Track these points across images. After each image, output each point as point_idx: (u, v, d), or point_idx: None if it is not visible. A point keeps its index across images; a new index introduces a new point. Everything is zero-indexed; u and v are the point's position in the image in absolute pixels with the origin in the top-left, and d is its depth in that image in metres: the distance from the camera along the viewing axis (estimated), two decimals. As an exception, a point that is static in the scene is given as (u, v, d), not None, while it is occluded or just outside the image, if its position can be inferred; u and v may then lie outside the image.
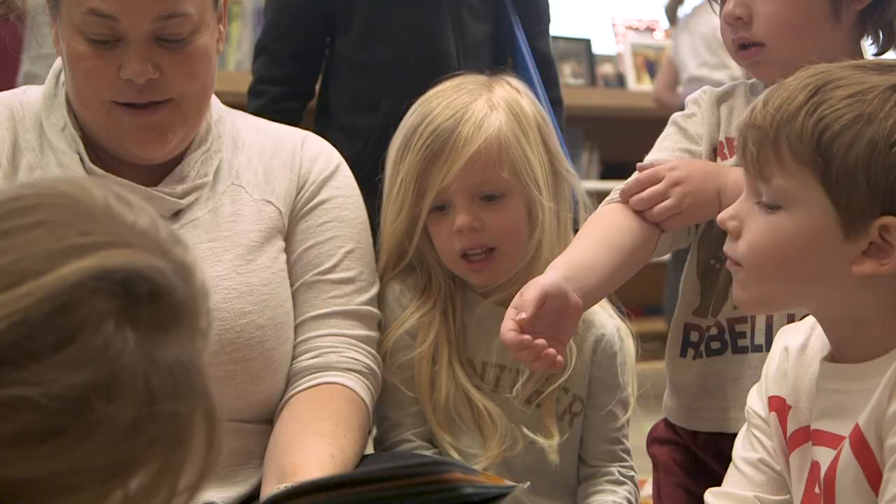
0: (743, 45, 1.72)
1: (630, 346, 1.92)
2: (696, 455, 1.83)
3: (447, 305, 1.89)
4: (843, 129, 1.29)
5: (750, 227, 1.38)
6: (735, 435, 1.65)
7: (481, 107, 1.83)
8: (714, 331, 1.80)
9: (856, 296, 1.34)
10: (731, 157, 1.78)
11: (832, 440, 1.35)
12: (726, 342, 1.79)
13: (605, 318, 1.91)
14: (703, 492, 1.74)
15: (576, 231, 1.89)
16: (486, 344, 1.88)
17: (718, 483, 1.70)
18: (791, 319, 1.63)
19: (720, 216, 1.43)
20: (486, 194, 1.82)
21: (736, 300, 1.48)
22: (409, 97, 2.00)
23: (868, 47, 1.75)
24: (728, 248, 1.41)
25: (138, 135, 1.73)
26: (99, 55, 1.67)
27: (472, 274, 1.85)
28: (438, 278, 1.90)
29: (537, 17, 2.51)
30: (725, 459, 1.63)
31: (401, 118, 1.97)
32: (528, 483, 1.61)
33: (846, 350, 1.38)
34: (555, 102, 2.46)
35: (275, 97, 2.46)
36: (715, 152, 1.81)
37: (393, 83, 2.32)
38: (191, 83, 1.72)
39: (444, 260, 1.87)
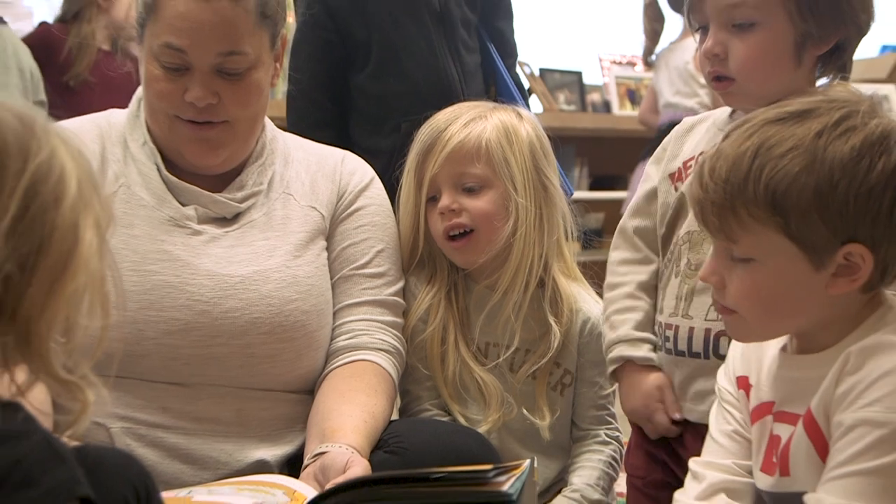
0: (718, 77, 1.70)
1: None
2: None
3: (451, 289, 1.90)
4: (790, 185, 1.27)
5: (732, 280, 1.35)
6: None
7: (471, 116, 1.87)
8: (660, 329, 1.78)
9: (827, 309, 1.33)
10: (685, 179, 1.77)
11: (791, 418, 1.34)
12: (662, 340, 1.78)
13: (591, 305, 1.93)
14: (659, 452, 1.77)
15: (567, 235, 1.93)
16: (485, 325, 1.89)
17: (670, 447, 1.75)
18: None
19: (702, 274, 1.40)
20: (466, 186, 1.85)
21: (731, 336, 1.46)
22: (424, 117, 2.02)
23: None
24: (717, 297, 1.39)
25: (193, 146, 1.74)
26: (169, 79, 1.70)
27: (455, 252, 1.88)
28: (442, 266, 1.92)
29: (508, 51, 2.49)
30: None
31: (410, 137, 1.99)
32: (535, 458, 1.63)
33: (805, 344, 1.38)
34: None
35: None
36: (674, 177, 1.80)
37: (407, 108, 2.30)
38: (243, 110, 1.73)
39: (438, 244, 1.89)
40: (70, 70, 3.62)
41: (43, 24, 3.85)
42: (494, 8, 2.45)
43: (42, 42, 3.70)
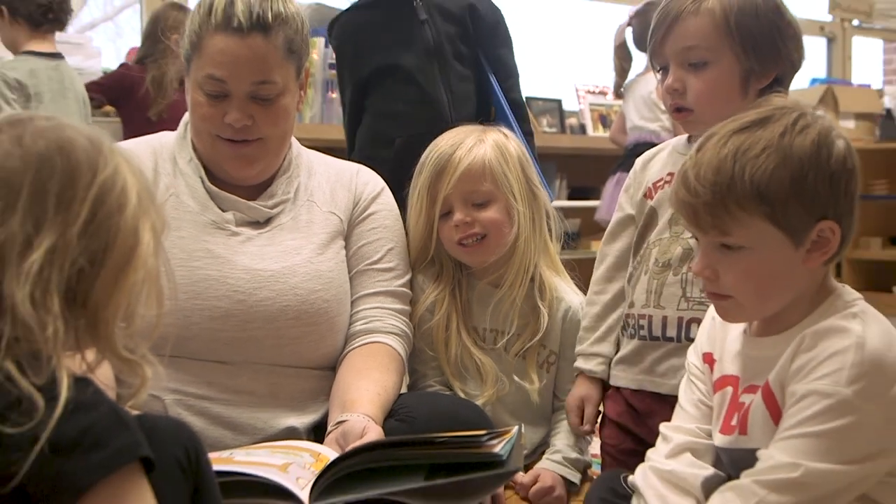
0: (678, 108, 1.71)
1: None
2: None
3: (455, 287, 1.90)
4: (770, 179, 1.27)
5: (725, 269, 1.32)
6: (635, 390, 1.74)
7: (472, 141, 1.86)
8: (631, 321, 1.78)
9: (802, 283, 1.33)
10: (655, 196, 1.79)
11: (752, 389, 1.34)
12: (636, 328, 1.77)
13: (571, 295, 1.93)
14: (628, 424, 1.76)
15: (550, 233, 1.93)
16: (484, 314, 1.90)
17: (639, 418, 1.75)
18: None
19: (695, 270, 1.37)
20: (476, 202, 1.85)
21: (724, 319, 1.42)
22: (415, 134, 2.10)
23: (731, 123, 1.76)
24: (710, 288, 1.36)
25: (233, 161, 1.75)
26: (211, 104, 1.70)
27: (467, 256, 1.88)
28: (448, 267, 1.91)
29: (507, 74, 2.45)
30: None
31: (408, 149, 2.01)
32: (521, 424, 1.64)
33: (767, 324, 1.37)
34: (527, 134, 2.41)
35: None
36: (646, 195, 1.81)
37: (403, 126, 2.32)
38: (274, 129, 1.74)
39: (447, 249, 1.89)
40: (151, 107, 3.60)
41: (123, 66, 3.83)
42: (491, 38, 2.43)
43: (121, 81, 3.69)
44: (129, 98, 3.62)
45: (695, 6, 1.66)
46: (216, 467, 1.38)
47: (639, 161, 1.89)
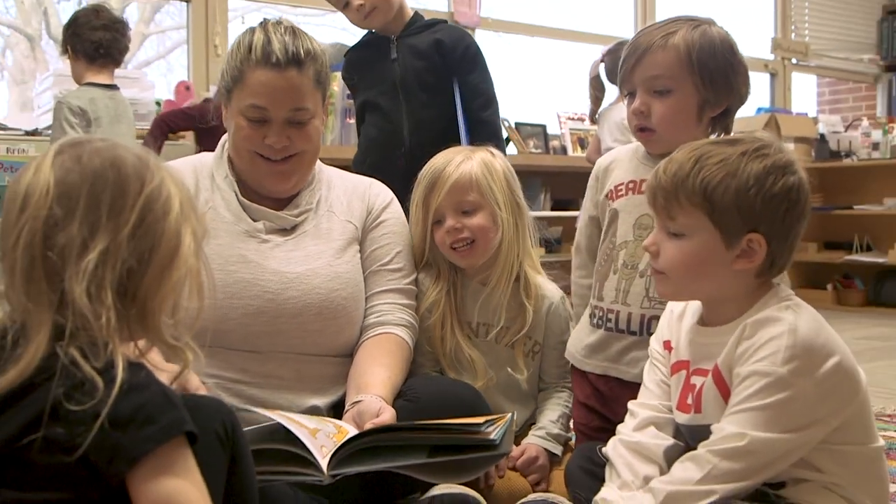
0: (642, 129, 1.71)
1: (568, 308, 1.91)
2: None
3: (450, 287, 1.87)
4: (718, 183, 1.29)
5: (666, 250, 1.35)
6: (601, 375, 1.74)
7: (461, 158, 1.84)
8: (599, 312, 1.77)
9: (729, 283, 1.34)
10: (616, 199, 1.78)
11: (703, 372, 1.35)
12: (604, 321, 1.77)
13: (553, 292, 1.91)
14: (595, 406, 1.76)
15: (532, 242, 1.92)
16: (479, 310, 1.87)
17: (604, 400, 1.75)
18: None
19: (645, 243, 1.40)
20: (464, 210, 1.82)
21: (659, 295, 1.45)
22: (379, 157, 2.28)
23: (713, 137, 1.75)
24: (652, 263, 1.39)
25: (272, 176, 1.75)
26: (253, 128, 1.70)
27: (460, 258, 1.85)
28: (444, 269, 1.88)
29: (475, 94, 2.41)
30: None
31: (377, 170, 2.07)
32: (514, 413, 1.64)
33: (713, 317, 1.39)
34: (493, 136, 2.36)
35: None
36: (607, 196, 1.80)
37: (373, 148, 2.40)
38: (308, 146, 1.74)
39: (443, 252, 1.86)
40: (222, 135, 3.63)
41: (207, 100, 3.82)
42: (460, 66, 2.40)
43: (203, 112, 3.68)
44: (209, 128, 3.62)
45: (663, 41, 1.67)
46: (269, 414, 1.37)
47: (599, 165, 1.88)
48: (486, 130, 2.35)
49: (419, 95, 2.39)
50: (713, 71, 1.66)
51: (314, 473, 1.34)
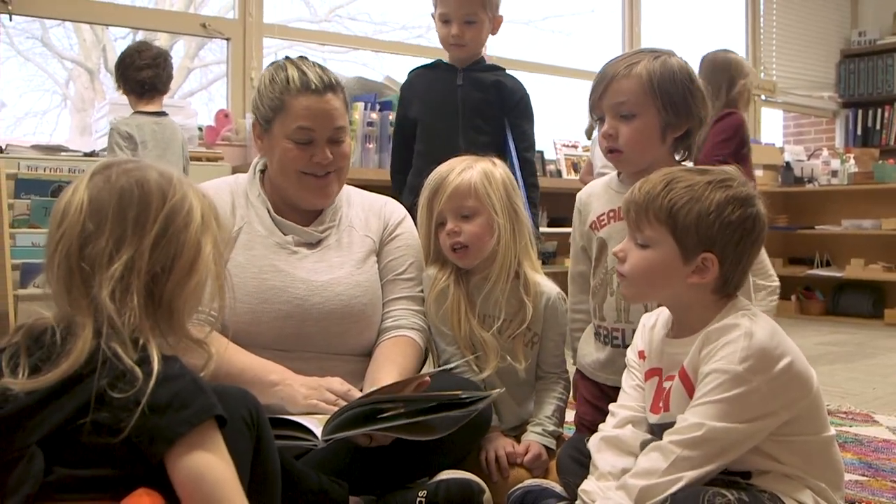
0: (611, 150, 1.69)
1: (564, 304, 1.87)
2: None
3: (457, 276, 1.82)
4: (683, 205, 1.30)
5: (631, 257, 1.37)
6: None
7: (463, 167, 1.81)
8: (603, 331, 1.75)
9: (686, 293, 1.35)
10: (601, 229, 1.76)
11: (672, 378, 1.36)
12: (610, 339, 1.75)
13: (550, 288, 1.85)
14: (601, 404, 1.71)
15: (531, 244, 1.88)
16: (482, 303, 1.81)
17: (609, 400, 1.69)
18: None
19: (615, 249, 1.40)
20: (463, 214, 1.79)
21: (622, 295, 1.46)
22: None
23: (678, 157, 1.73)
24: (619, 268, 1.40)
25: (318, 191, 1.75)
26: (300, 149, 1.70)
27: (457, 259, 1.81)
28: (449, 264, 1.84)
29: (523, 139, 2.51)
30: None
31: None
32: (504, 389, 1.62)
33: (679, 327, 1.39)
34: (530, 185, 2.50)
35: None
36: (591, 227, 1.78)
37: (433, 165, 2.37)
38: (343, 162, 1.75)
39: (444, 252, 1.82)
40: None
41: None
42: (514, 110, 2.51)
43: None
44: None
45: (627, 70, 1.66)
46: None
47: (580, 199, 1.86)
48: (528, 168, 2.51)
49: (475, 121, 2.45)
50: (673, 96, 1.64)
51: (309, 438, 1.36)
